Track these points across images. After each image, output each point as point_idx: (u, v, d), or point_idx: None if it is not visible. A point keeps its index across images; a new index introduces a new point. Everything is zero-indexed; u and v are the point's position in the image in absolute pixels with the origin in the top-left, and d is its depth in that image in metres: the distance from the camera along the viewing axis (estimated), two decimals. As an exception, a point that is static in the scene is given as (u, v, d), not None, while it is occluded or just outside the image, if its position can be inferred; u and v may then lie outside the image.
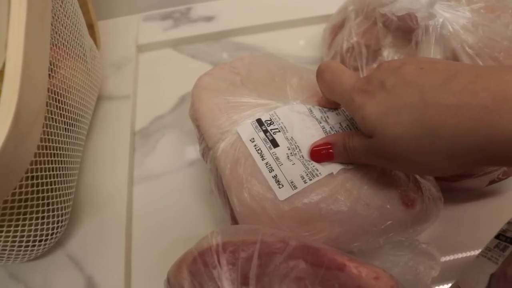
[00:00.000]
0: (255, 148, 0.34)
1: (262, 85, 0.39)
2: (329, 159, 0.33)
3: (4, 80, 0.28)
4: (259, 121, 0.35)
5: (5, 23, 0.30)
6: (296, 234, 0.32)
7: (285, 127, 0.35)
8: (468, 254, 0.40)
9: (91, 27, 0.52)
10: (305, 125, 0.35)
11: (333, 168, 0.33)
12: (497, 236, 0.32)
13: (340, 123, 0.36)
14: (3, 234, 0.34)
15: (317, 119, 0.36)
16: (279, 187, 0.33)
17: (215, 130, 0.37)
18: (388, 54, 0.43)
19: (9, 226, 0.34)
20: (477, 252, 0.39)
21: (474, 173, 0.39)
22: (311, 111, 0.36)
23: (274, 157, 0.34)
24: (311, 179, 0.32)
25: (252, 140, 0.35)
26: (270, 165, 0.33)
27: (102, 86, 0.52)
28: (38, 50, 0.32)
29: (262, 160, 0.34)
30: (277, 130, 0.35)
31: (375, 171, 0.33)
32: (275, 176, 0.33)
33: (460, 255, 0.40)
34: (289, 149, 0.34)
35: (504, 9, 0.41)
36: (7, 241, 0.35)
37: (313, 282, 0.28)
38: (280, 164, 0.33)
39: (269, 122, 0.35)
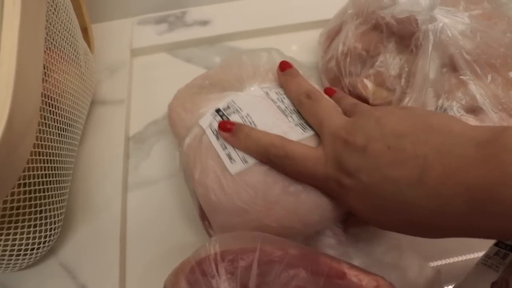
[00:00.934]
0: (212, 131, 0.36)
1: (226, 80, 0.40)
2: (225, 134, 0.35)
3: (-3, 85, 0.28)
4: (217, 110, 0.37)
5: (-3, 27, 0.29)
6: (295, 243, 0.32)
7: (240, 109, 0.37)
8: (466, 258, 0.40)
9: (85, 31, 0.51)
10: (261, 105, 0.37)
11: (286, 135, 0.34)
12: (497, 244, 0.32)
13: (292, 104, 0.37)
14: (-6, 242, 0.33)
15: (273, 100, 0.37)
16: (231, 163, 0.34)
17: (183, 130, 0.39)
18: (386, 58, 0.43)
19: (0, 234, 0.33)
20: (475, 256, 0.39)
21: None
22: (267, 93, 0.38)
23: None
24: None
25: (210, 126, 0.37)
26: (223, 143, 0.35)
27: (96, 90, 0.51)
28: (32, 54, 0.31)
29: (217, 139, 0.35)
30: (232, 112, 0.37)
31: None
32: (228, 154, 0.34)
33: (458, 260, 0.40)
34: None
35: (500, 16, 0.42)
36: (-2, 250, 0.34)
37: (314, 292, 0.28)
38: None
39: (226, 108, 0.37)
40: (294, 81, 0.36)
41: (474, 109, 0.40)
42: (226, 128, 0.35)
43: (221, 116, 0.37)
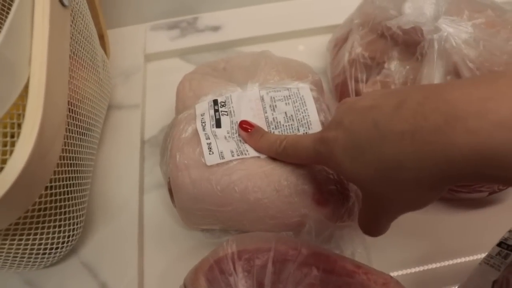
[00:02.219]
0: (201, 121, 0.39)
1: (237, 70, 0.43)
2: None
3: (29, 95, 0.29)
4: (214, 101, 0.40)
5: (28, 39, 0.31)
6: (306, 242, 0.33)
7: (234, 111, 0.39)
8: (470, 259, 0.42)
9: (101, 38, 0.53)
10: (251, 113, 0.39)
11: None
12: (499, 244, 0.34)
13: (285, 112, 0.39)
14: (22, 242, 0.35)
15: (264, 108, 0.40)
16: (210, 153, 0.36)
17: (181, 105, 0.43)
18: (392, 66, 0.45)
19: (28, 234, 0.35)
20: (478, 257, 0.41)
21: (474, 189, 0.41)
22: (262, 99, 0.40)
23: (213, 134, 0.38)
24: (238, 155, 0.36)
25: (202, 115, 0.39)
26: (208, 135, 0.38)
27: (111, 95, 0.53)
28: (59, 65, 0.33)
29: (203, 130, 0.38)
30: (225, 113, 0.39)
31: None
32: (209, 144, 0.37)
33: (462, 260, 0.41)
34: (228, 132, 0.38)
35: (503, 24, 0.43)
36: (26, 249, 0.36)
37: (326, 289, 0.29)
38: (217, 138, 0.38)
39: (223, 103, 0.40)
40: (263, 139, 0.37)
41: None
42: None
43: (214, 111, 0.39)
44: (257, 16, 0.60)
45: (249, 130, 0.38)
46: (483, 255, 0.35)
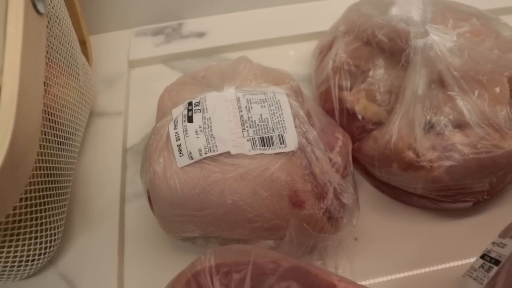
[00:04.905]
0: (174, 122, 0.38)
1: (215, 76, 0.43)
2: None
3: (0, 106, 0.29)
4: (189, 103, 0.40)
5: (1, 48, 0.30)
6: (286, 255, 0.33)
7: (207, 109, 0.39)
8: (454, 267, 0.41)
9: (83, 44, 0.52)
10: (226, 111, 0.39)
11: (234, 148, 0.36)
12: (482, 256, 0.33)
13: (260, 115, 0.39)
14: (-4, 255, 0.34)
15: (239, 108, 0.39)
16: (180, 155, 0.36)
17: (160, 115, 0.42)
18: (377, 74, 0.44)
19: (2, 247, 0.34)
20: (462, 266, 0.40)
21: (458, 199, 0.41)
22: (239, 99, 0.40)
23: (184, 130, 0.37)
24: (206, 153, 0.36)
25: (176, 117, 0.39)
26: (178, 135, 0.37)
27: (94, 102, 0.52)
28: (34, 74, 0.32)
29: (174, 129, 0.38)
30: (198, 110, 0.39)
31: (276, 165, 0.36)
32: (179, 145, 0.37)
33: (446, 268, 0.41)
34: (200, 126, 0.37)
35: (488, 33, 0.43)
36: (0, 261, 0.35)
37: (305, 305, 0.29)
38: (186, 136, 0.37)
39: (196, 103, 0.39)
40: None
41: (461, 124, 0.41)
42: None
43: (189, 110, 0.39)
44: (243, 22, 0.60)
45: None
46: (467, 264, 0.34)
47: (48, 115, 0.38)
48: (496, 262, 0.31)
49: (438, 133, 0.41)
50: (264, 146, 0.37)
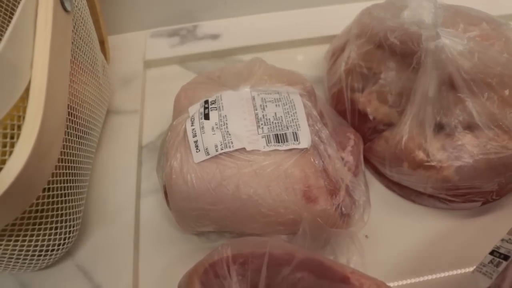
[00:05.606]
0: (191, 119, 0.40)
1: (231, 75, 0.44)
2: None
3: (29, 98, 0.30)
4: (206, 102, 0.41)
5: (31, 43, 0.31)
6: (300, 247, 0.34)
7: (223, 107, 0.40)
8: (465, 269, 0.42)
9: (102, 43, 0.53)
10: (241, 109, 0.40)
11: (249, 144, 0.37)
12: (491, 253, 0.34)
13: (275, 113, 0.40)
14: (18, 243, 0.35)
15: (255, 106, 0.40)
16: (196, 151, 0.37)
17: (177, 113, 0.43)
18: (388, 77, 0.45)
19: (24, 236, 0.35)
20: (472, 267, 0.41)
21: (467, 199, 0.42)
22: (253, 98, 0.41)
23: (201, 126, 0.39)
24: (222, 149, 0.37)
25: (193, 115, 0.40)
26: (195, 131, 0.38)
27: (110, 100, 0.53)
28: (60, 69, 0.34)
29: (191, 126, 0.39)
30: (214, 108, 0.40)
31: (290, 161, 0.37)
32: (196, 141, 0.38)
33: (457, 271, 0.42)
34: (216, 124, 0.39)
35: (498, 37, 0.44)
36: (21, 250, 0.36)
37: (319, 294, 0.30)
38: (203, 132, 0.38)
39: (213, 101, 0.41)
40: None
41: (470, 126, 0.42)
42: None
43: (205, 108, 0.40)
44: (256, 25, 0.61)
45: None
46: (475, 262, 0.35)
47: (70, 109, 0.39)
48: (506, 258, 0.32)
49: (448, 134, 0.42)
50: (279, 143, 0.38)
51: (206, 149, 0.37)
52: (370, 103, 0.46)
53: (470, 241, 0.42)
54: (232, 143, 0.37)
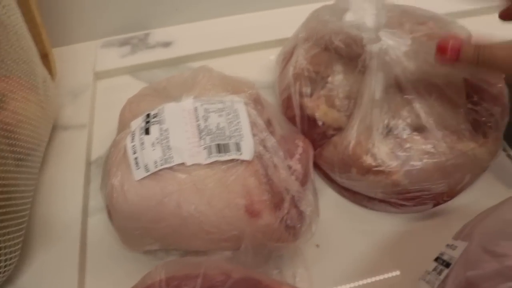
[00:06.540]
0: (131, 135, 0.38)
1: (176, 86, 0.44)
2: (455, 54, 0.36)
3: None
4: (148, 115, 0.40)
5: None
6: (240, 266, 0.33)
7: (165, 120, 0.39)
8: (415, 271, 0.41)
9: (45, 56, 0.52)
10: (183, 121, 0.39)
11: (190, 157, 0.36)
12: (436, 259, 0.33)
13: (218, 123, 0.38)
14: None
15: (197, 117, 0.39)
16: (137, 168, 0.36)
17: (121, 127, 0.42)
18: (336, 80, 0.44)
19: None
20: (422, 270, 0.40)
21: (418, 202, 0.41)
22: (196, 109, 0.39)
23: (140, 142, 0.37)
24: (162, 165, 0.35)
25: (134, 130, 0.39)
26: (135, 147, 0.37)
27: (58, 115, 0.51)
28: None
29: (131, 142, 0.38)
30: (156, 122, 0.39)
31: (232, 175, 0.36)
32: (136, 158, 0.37)
33: (406, 273, 0.41)
34: (157, 138, 0.37)
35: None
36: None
37: (252, 316, 0.29)
38: (143, 148, 0.37)
39: (155, 115, 0.39)
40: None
41: (419, 127, 0.41)
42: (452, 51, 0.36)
43: (147, 122, 0.39)
44: (209, 31, 0.60)
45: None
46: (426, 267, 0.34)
47: (5, 131, 0.38)
48: (447, 265, 0.31)
49: (397, 136, 0.41)
50: (220, 153, 0.36)
51: (146, 165, 0.36)
52: (318, 107, 0.45)
53: (423, 245, 0.42)
54: (172, 158, 0.36)
